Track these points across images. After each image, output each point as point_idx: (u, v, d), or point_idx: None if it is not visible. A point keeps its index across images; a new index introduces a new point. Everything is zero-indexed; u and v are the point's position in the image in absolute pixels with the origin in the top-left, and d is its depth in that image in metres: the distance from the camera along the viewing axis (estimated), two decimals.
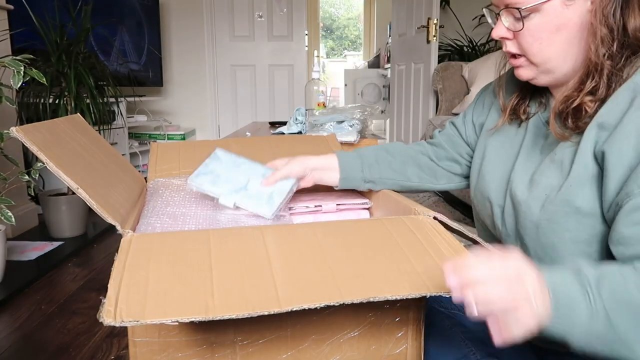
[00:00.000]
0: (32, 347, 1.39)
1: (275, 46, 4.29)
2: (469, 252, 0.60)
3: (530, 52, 0.68)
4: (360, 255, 0.58)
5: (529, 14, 0.66)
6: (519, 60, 0.71)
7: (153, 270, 0.53)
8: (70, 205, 2.24)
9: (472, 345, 0.78)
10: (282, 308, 0.47)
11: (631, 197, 0.58)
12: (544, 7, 0.64)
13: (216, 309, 0.46)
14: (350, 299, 0.49)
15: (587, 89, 0.65)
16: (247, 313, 0.46)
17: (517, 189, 0.73)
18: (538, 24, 0.66)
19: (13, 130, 0.64)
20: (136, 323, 0.44)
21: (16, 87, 1.62)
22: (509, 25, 0.69)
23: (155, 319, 0.45)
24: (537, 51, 0.68)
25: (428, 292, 0.51)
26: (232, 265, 0.55)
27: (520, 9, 0.65)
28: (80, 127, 0.88)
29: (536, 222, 0.68)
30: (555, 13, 0.64)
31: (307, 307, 0.47)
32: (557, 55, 0.67)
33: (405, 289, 0.51)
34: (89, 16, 2.38)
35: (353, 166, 0.91)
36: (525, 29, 0.67)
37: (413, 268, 0.56)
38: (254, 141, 1.17)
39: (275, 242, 0.60)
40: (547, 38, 0.66)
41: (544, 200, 0.68)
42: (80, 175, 0.69)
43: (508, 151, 0.79)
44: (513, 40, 0.70)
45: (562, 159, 0.67)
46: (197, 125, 4.25)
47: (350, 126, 1.64)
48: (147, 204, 0.85)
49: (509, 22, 0.69)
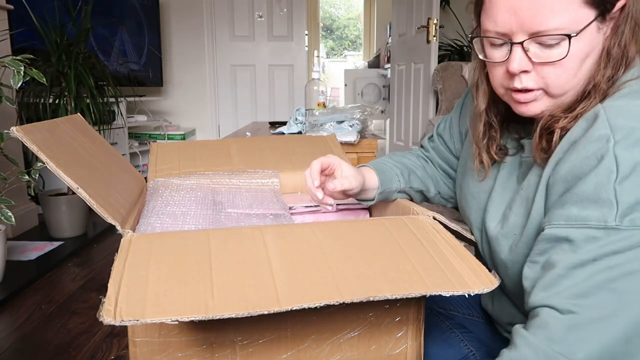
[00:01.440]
0: (32, 347, 1.39)
1: (275, 46, 4.29)
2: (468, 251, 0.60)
3: (555, 84, 0.58)
4: (360, 255, 0.58)
5: (559, 42, 0.56)
6: (532, 94, 0.60)
7: (153, 270, 0.53)
8: (70, 205, 2.24)
9: (472, 346, 0.78)
10: (281, 307, 0.47)
11: (545, 225, 0.55)
12: (581, 34, 0.55)
13: (216, 308, 0.46)
14: (350, 298, 0.49)
15: (577, 111, 0.57)
16: (247, 312, 0.46)
17: (491, 222, 0.68)
18: (572, 52, 0.56)
19: (13, 129, 0.64)
20: (136, 322, 0.44)
21: (16, 87, 1.62)
22: (533, 56, 0.58)
23: (155, 318, 0.45)
24: (564, 83, 0.58)
25: (427, 292, 0.51)
26: (232, 265, 0.55)
27: (553, 36, 0.55)
28: (81, 127, 0.88)
29: (504, 261, 0.65)
30: (589, 38, 0.56)
31: (307, 306, 0.47)
32: (578, 83, 0.58)
33: (405, 289, 0.51)
34: (89, 16, 2.38)
35: (391, 178, 0.83)
36: (547, 60, 0.57)
37: (413, 267, 0.56)
38: (254, 141, 1.17)
39: (275, 241, 0.60)
40: (577, 67, 0.57)
41: (512, 241, 0.64)
42: (80, 175, 0.69)
43: (488, 173, 0.72)
44: (531, 72, 0.59)
45: (527, 194, 0.62)
46: (197, 125, 4.25)
47: (350, 126, 1.64)
48: (147, 204, 0.85)
49: (533, 52, 0.58)
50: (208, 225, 0.78)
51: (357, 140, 1.60)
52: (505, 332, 0.77)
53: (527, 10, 0.55)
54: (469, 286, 0.52)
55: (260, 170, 1.01)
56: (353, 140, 1.59)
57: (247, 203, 0.89)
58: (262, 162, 1.05)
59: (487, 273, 0.55)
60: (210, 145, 1.12)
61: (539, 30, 0.55)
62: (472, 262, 0.57)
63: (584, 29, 0.55)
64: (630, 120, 0.52)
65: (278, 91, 4.36)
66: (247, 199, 0.91)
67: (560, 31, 0.55)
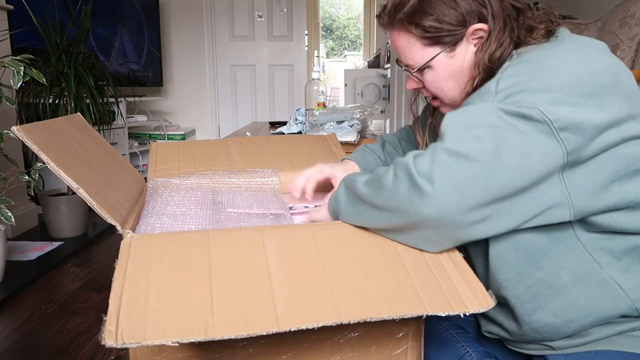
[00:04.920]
0: (32, 347, 1.39)
1: (275, 46, 4.29)
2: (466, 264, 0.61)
3: (440, 96, 0.77)
4: (360, 268, 0.58)
5: (424, 69, 0.74)
6: (436, 102, 0.81)
7: (153, 281, 0.53)
8: (70, 205, 2.24)
9: (469, 347, 0.78)
10: (280, 328, 0.48)
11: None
12: (431, 63, 0.73)
13: (216, 328, 0.48)
14: (348, 319, 0.50)
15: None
16: (246, 333, 0.47)
17: None
18: (433, 76, 0.74)
19: (14, 129, 0.64)
20: (137, 345, 0.45)
21: (16, 87, 1.62)
22: (415, 80, 0.78)
23: (156, 341, 0.46)
24: (443, 95, 0.76)
25: (425, 312, 0.52)
26: (232, 277, 0.55)
27: (413, 71, 0.75)
28: (81, 127, 0.88)
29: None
30: (442, 65, 0.73)
31: (305, 327, 0.48)
32: (461, 92, 0.74)
33: (403, 308, 0.52)
34: (89, 16, 2.37)
35: (370, 161, 0.96)
36: (425, 81, 0.76)
37: (412, 283, 0.56)
38: (254, 141, 1.17)
39: (275, 250, 0.60)
40: (446, 84, 0.74)
41: None
42: (81, 175, 0.69)
43: None
44: (423, 88, 0.79)
45: None
46: (197, 125, 4.25)
47: (350, 126, 1.64)
48: (147, 204, 0.85)
49: (414, 76, 0.77)
50: (208, 226, 0.78)
51: (357, 140, 1.60)
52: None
53: (395, 50, 0.78)
54: (466, 306, 0.54)
55: (259, 170, 1.01)
56: (353, 140, 1.59)
57: (247, 202, 0.89)
58: (262, 162, 1.05)
59: (484, 292, 0.56)
60: (210, 145, 1.12)
61: (406, 65, 0.77)
62: (470, 279, 0.58)
63: (427, 63, 0.73)
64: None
65: (278, 91, 4.35)
66: (247, 198, 0.91)
67: (412, 68, 0.75)
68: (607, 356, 0.64)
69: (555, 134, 0.55)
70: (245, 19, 4.23)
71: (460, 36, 0.71)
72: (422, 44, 0.72)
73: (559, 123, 0.55)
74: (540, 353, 0.69)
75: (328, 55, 11.31)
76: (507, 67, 0.64)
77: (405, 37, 0.73)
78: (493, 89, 0.62)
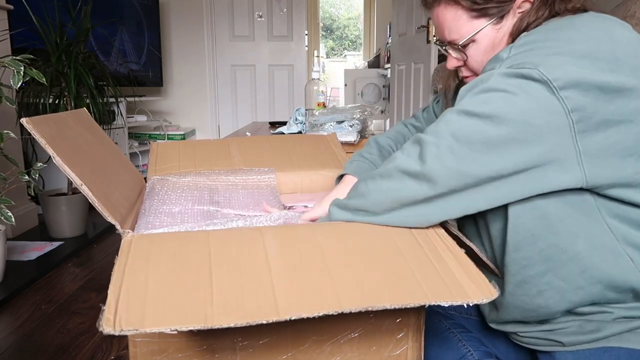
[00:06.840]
0: (32, 347, 1.39)
1: (275, 46, 4.29)
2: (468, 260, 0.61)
3: (480, 70, 0.75)
4: (360, 260, 0.58)
5: (467, 44, 0.74)
6: (471, 77, 0.80)
7: (152, 274, 0.53)
8: (70, 205, 2.24)
9: (470, 346, 0.78)
10: (280, 317, 0.47)
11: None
12: (477, 37, 0.73)
13: (215, 316, 0.47)
14: (349, 308, 0.49)
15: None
16: (245, 322, 0.46)
17: None
18: (476, 50, 0.74)
19: (23, 121, 0.65)
20: (135, 332, 0.45)
21: (16, 87, 1.62)
22: (457, 56, 0.77)
23: (155, 328, 0.45)
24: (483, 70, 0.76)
25: (427, 302, 0.51)
26: (232, 270, 0.55)
27: (459, 44, 0.74)
28: (86, 122, 0.88)
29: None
30: (488, 37, 0.73)
31: (306, 316, 0.48)
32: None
33: (405, 298, 0.51)
34: (89, 16, 2.37)
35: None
36: (469, 57, 0.76)
37: (413, 275, 0.55)
38: (254, 141, 1.17)
39: (275, 244, 0.60)
40: (487, 58, 0.73)
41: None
42: (85, 172, 0.69)
43: None
44: (464, 66, 0.78)
45: None
46: (197, 125, 4.25)
47: (350, 126, 1.64)
48: (145, 202, 0.85)
49: (455, 54, 0.77)
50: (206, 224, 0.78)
51: (357, 140, 1.60)
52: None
53: (437, 28, 0.78)
54: (468, 296, 0.52)
55: (256, 168, 1.01)
56: (353, 140, 1.59)
57: (244, 203, 0.89)
58: (262, 162, 1.05)
59: (486, 283, 0.55)
60: (210, 145, 1.12)
61: (449, 40, 0.76)
62: (472, 270, 0.57)
63: (474, 35, 0.73)
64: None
65: (278, 91, 4.35)
66: (245, 197, 0.91)
67: (457, 41, 0.74)
68: (615, 353, 0.64)
69: (555, 93, 0.57)
70: (245, 19, 4.23)
71: (508, 8, 0.71)
72: (469, 17, 0.73)
73: (558, 82, 0.57)
74: (548, 349, 0.69)
75: (328, 55, 11.31)
76: (522, 36, 0.67)
77: (452, 10, 0.73)
78: (505, 56, 0.65)
